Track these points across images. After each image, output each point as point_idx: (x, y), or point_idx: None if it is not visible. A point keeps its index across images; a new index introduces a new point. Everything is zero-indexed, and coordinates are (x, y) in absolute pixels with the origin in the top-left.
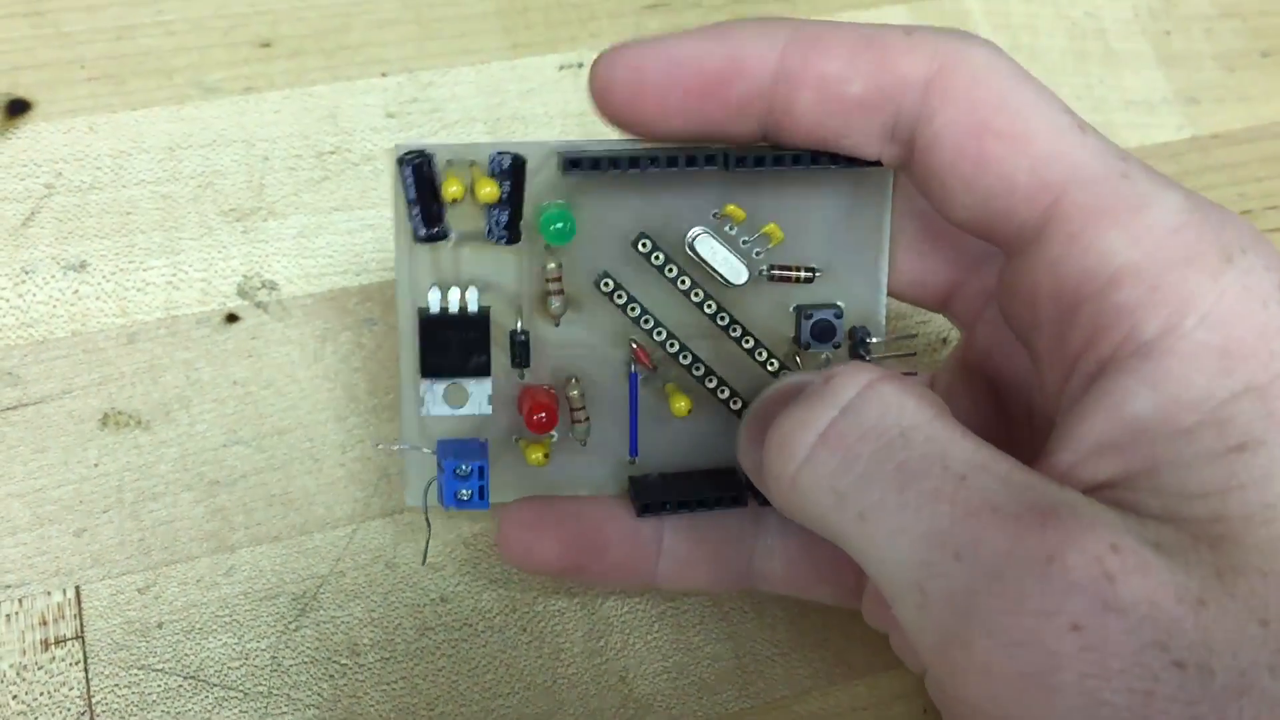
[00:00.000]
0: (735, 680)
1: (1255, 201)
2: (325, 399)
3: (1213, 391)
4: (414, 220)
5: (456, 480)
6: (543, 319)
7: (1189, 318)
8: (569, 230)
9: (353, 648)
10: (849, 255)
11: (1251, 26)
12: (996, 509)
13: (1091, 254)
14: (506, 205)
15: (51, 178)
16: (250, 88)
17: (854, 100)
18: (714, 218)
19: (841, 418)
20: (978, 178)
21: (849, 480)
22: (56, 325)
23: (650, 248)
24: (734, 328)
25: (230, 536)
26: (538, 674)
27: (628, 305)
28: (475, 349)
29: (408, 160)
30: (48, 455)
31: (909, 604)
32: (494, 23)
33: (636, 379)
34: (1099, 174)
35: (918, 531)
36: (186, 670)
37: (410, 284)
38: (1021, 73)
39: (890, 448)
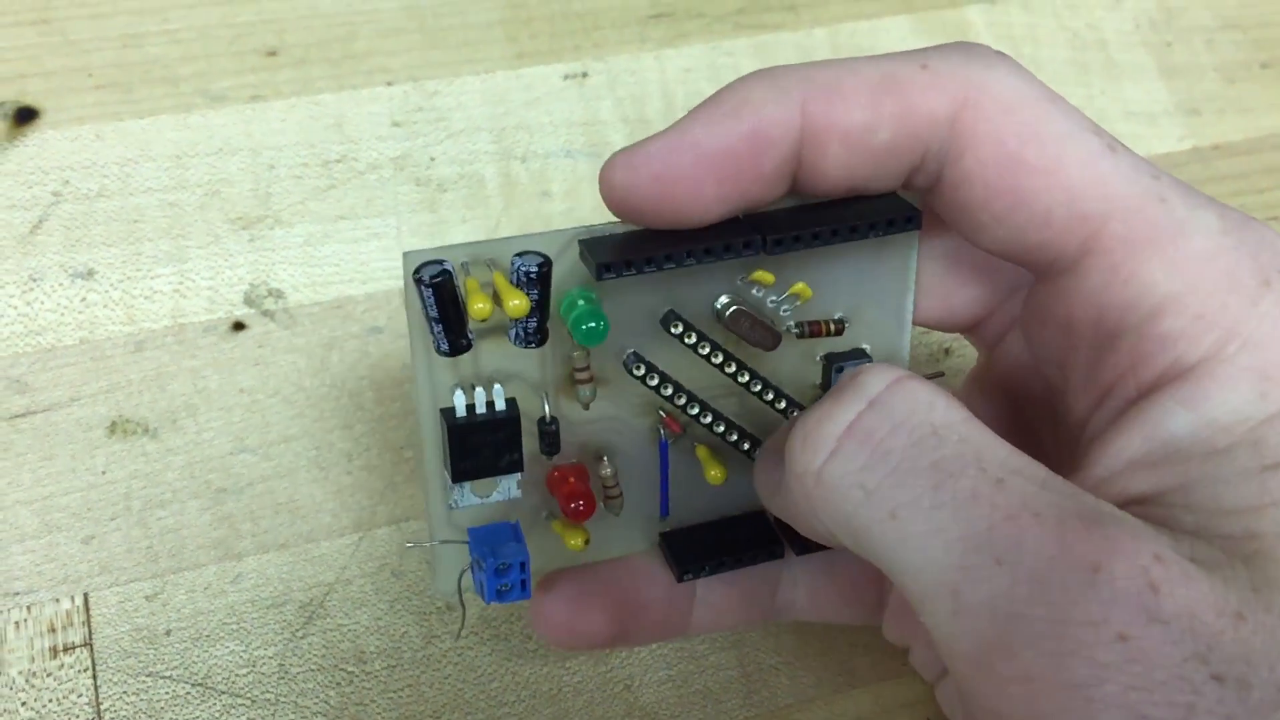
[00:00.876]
0: (740, 689)
1: (1257, 212)
2: (331, 407)
3: (1249, 414)
4: (436, 338)
5: (497, 576)
6: (570, 400)
7: (1231, 344)
8: (602, 331)
9: (359, 655)
10: (875, 298)
11: (1252, 38)
12: (1038, 514)
13: (1133, 285)
14: (534, 313)
15: (59, 185)
16: (256, 96)
17: (882, 148)
18: (740, 282)
19: (870, 411)
20: (1012, 213)
21: (879, 476)
22: (64, 333)
23: (682, 329)
24: (766, 392)
25: (237, 544)
26: (543, 682)
27: (660, 386)
28: (506, 448)
29: (429, 281)
30: (56, 463)
31: (942, 609)
32: (498, 32)
33: (666, 446)
34: (1135, 201)
35: (955, 533)
36: (194, 677)
37: (430, 387)
38: (1046, 94)
39: (923, 444)
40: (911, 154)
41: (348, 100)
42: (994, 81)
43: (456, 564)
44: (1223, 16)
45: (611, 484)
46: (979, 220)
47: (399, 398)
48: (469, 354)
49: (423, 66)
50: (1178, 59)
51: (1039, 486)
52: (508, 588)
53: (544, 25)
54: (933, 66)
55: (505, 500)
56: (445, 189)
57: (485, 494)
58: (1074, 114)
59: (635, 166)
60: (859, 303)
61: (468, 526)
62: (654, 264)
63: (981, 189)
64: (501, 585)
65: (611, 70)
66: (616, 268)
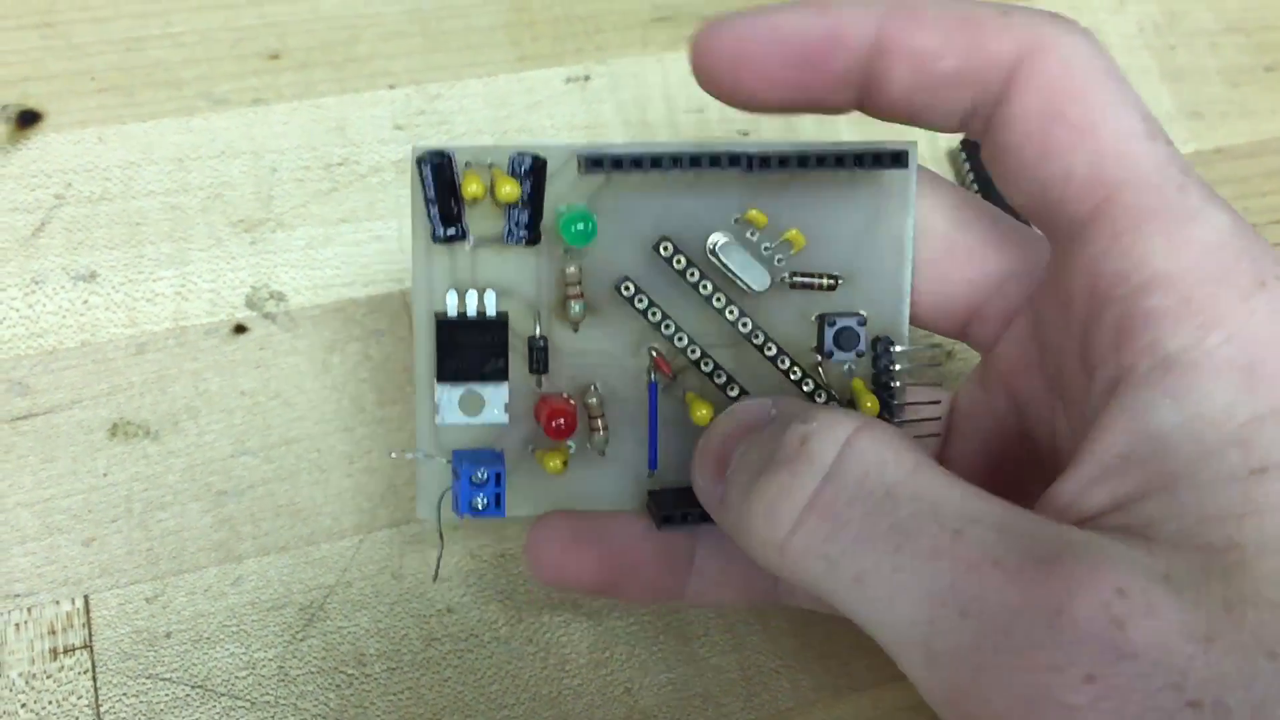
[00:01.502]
0: (740, 692)
1: (1259, 216)
2: (333, 410)
3: (1236, 410)
4: (432, 220)
5: (472, 488)
6: (562, 325)
7: (1214, 334)
8: (590, 231)
9: (359, 658)
10: (872, 264)
11: (1255, 42)
12: (998, 561)
13: (1130, 256)
14: (527, 205)
15: (61, 188)
16: (259, 99)
17: (945, 76)
18: (735, 223)
19: (826, 484)
20: (1040, 163)
21: (841, 546)
22: (66, 335)
23: (672, 251)
24: (756, 335)
25: (238, 546)
26: (543, 685)
27: (648, 310)
28: (493, 353)
29: (428, 159)
30: (57, 465)
31: (915, 661)
32: (501, 35)
33: (656, 388)
34: (1155, 181)
35: (919, 591)
36: (194, 679)
37: (427, 287)
38: (1110, 70)
39: (880, 508)
40: (971, 89)
41: (350, 103)
42: (1063, 42)
43: (438, 485)
44: (1226, 20)
45: (598, 413)
46: (1010, 167)
47: (400, 400)
48: (466, 260)
49: (425, 70)
50: (1181, 62)
51: (997, 532)
52: (483, 503)
53: (546, 28)
54: (1013, 16)
55: (493, 424)
56: None
57: (473, 412)
58: (1129, 94)
59: (718, 38)
60: (855, 266)
61: (453, 449)
62: (640, 165)
63: (1019, 134)
64: (476, 499)
65: (614, 73)
66: (605, 163)
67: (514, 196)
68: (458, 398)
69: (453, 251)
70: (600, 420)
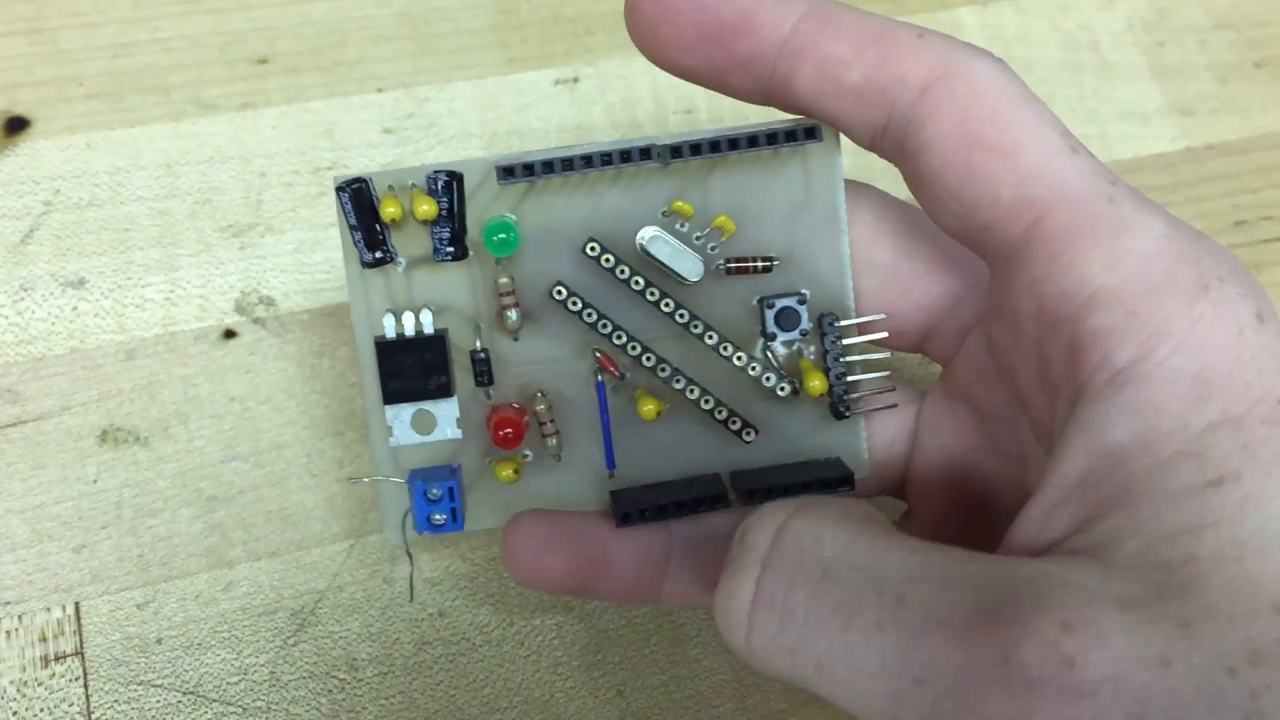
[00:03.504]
0: (732, 694)
1: (1249, 212)
2: (323, 414)
3: (1189, 421)
4: (358, 246)
5: (428, 504)
6: (502, 335)
7: (1163, 345)
8: (513, 240)
9: (351, 662)
10: (808, 241)
11: (1245, 38)
12: (942, 622)
13: (1070, 275)
14: (447, 222)
15: (50, 195)
16: (247, 104)
17: (851, 88)
18: (663, 216)
19: (765, 574)
20: (964, 189)
21: (793, 636)
22: (55, 342)
23: (599, 251)
24: (695, 325)
25: (228, 552)
26: (535, 688)
27: (583, 311)
28: (434, 370)
29: (345, 188)
30: (47, 472)
31: None
32: (489, 38)
33: (604, 387)
34: (1083, 195)
35: (875, 666)
36: (185, 685)
37: (366, 312)
38: (1022, 91)
39: (820, 590)
40: (877, 107)
41: (339, 107)
42: (973, 67)
43: (400, 507)
44: (1216, 16)
45: (546, 419)
46: (935, 194)
47: None
48: (401, 283)
49: (414, 73)
50: (1170, 59)
51: (941, 588)
52: (441, 519)
53: (535, 31)
54: (926, 39)
55: (447, 440)
56: None
57: (425, 431)
58: (1044, 113)
59: None
60: (792, 246)
61: (410, 469)
62: (552, 169)
63: (938, 160)
64: (433, 515)
65: (602, 75)
66: (518, 170)
67: (432, 214)
68: (409, 418)
69: (386, 275)
70: (550, 425)
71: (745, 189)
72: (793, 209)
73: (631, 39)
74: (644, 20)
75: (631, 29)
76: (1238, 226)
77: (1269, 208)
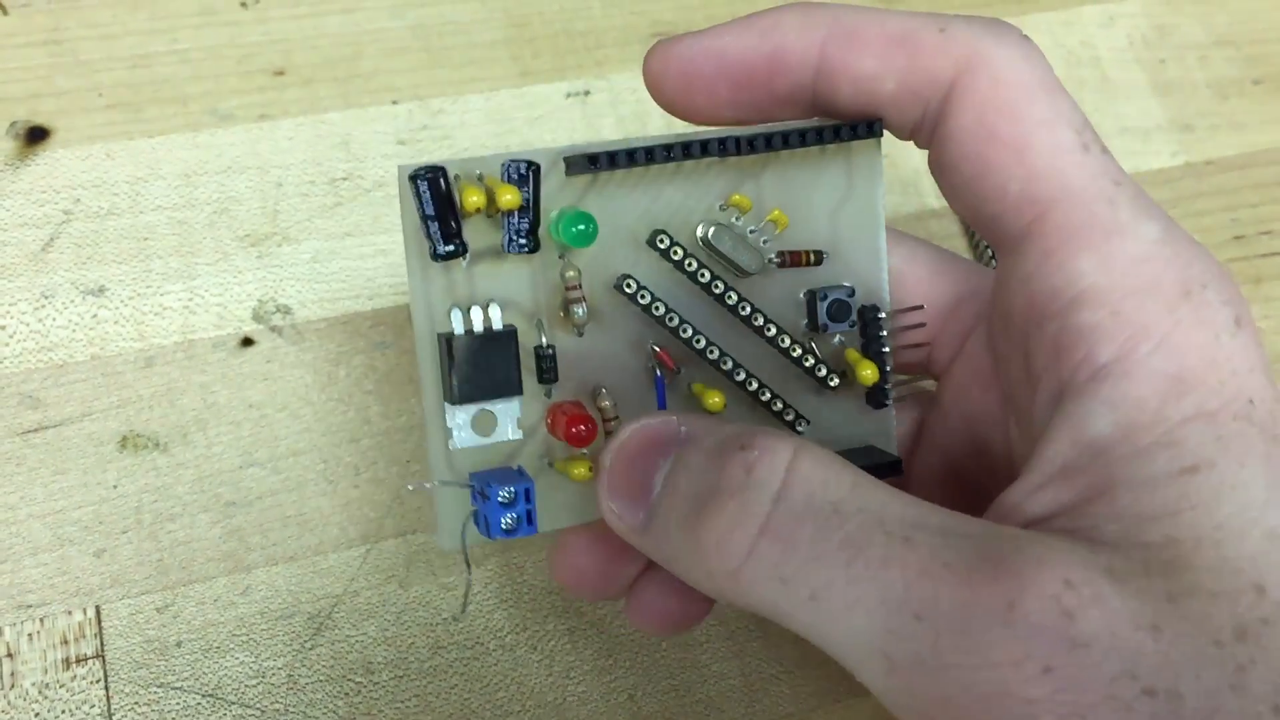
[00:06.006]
0: (741, 699)
1: (1248, 227)
2: (339, 421)
3: (1166, 414)
4: (432, 238)
5: (501, 508)
6: (564, 331)
7: (1144, 345)
8: (592, 232)
9: (367, 666)
10: (850, 234)
11: (1244, 55)
12: (948, 564)
13: (1061, 273)
14: (527, 212)
15: (70, 204)
16: (264, 115)
17: (887, 97)
18: (721, 210)
19: (776, 508)
20: (976, 181)
21: (795, 565)
22: (76, 349)
23: (669, 243)
24: (755, 316)
25: (246, 557)
26: (548, 692)
27: (652, 304)
28: (504, 367)
29: (421, 175)
30: (68, 477)
31: (876, 671)
32: (502, 51)
33: (662, 382)
34: (1085, 196)
35: (874, 600)
36: (204, 688)
37: (427, 308)
38: (1043, 81)
39: (828, 526)
40: (913, 108)
41: (354, 119)
42: (998, 56)
43: (459, 513)
44: (1215, 33)
45: (611, 415)
46: (952, 183)
47: (405, 411)
48: (465, 278)
49: (428, 85)
50: (1171, 75)
51: (943, 536)
52: (514, 522)
53: (547, 44)
54: (949, 31)
55: (506, 441)
56: None
57: (486, 432)
58: (1063, 106)
59: (667, 59)
60: (835, 241)
61: (469, 471)
62: (622, 162)
63: (957, 152)
64: (506, 519)
65: (614, 88)
66: (592, 162)
67: (516, 203)
68: (470, 419)
69: (449, 271)
70: (614, 422)
71: (794, 185)
72: (835, 205)
73: (660, 105)
74: (671, 90)
75: (661, 100)
76: (1236, 241)
77: (1267, 222)
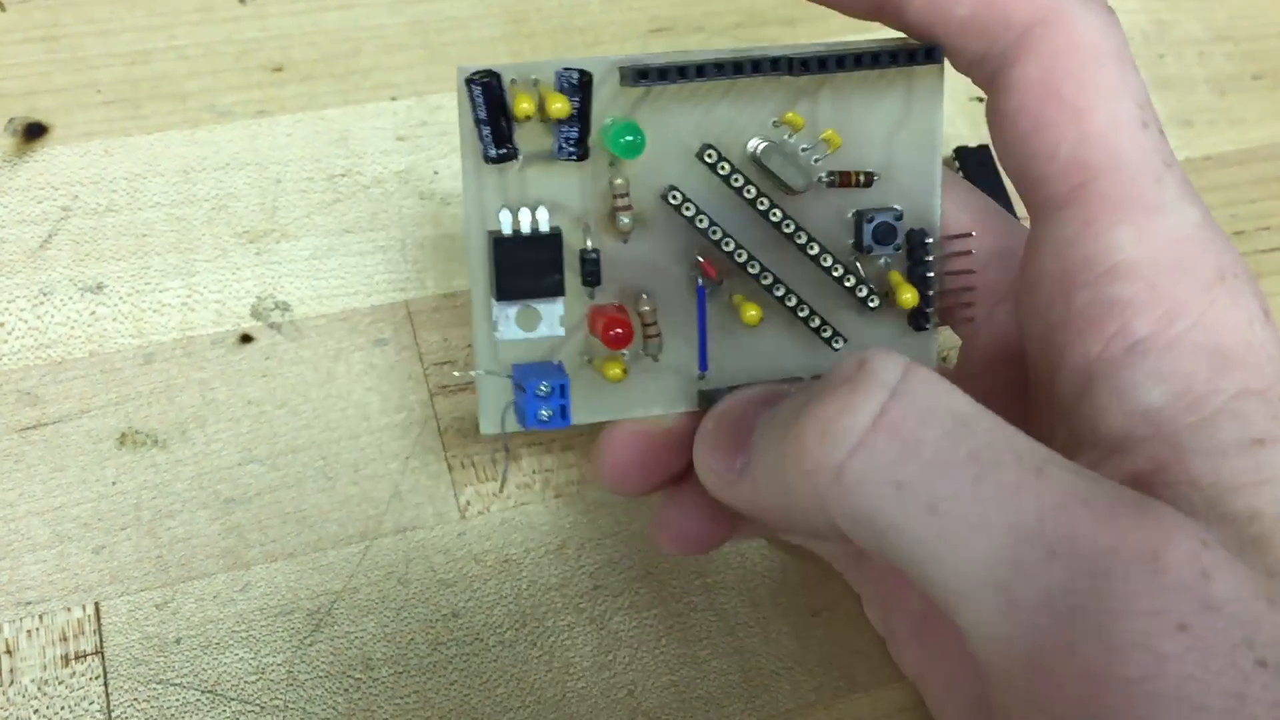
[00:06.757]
0: (741, 694)
1: (1248, 223)
2: (338, 418)
3: (1219, 385)
4: (484, 140)
5: (537, 400)
6: (610, 237)
7: (1180, 321)
8: (640, 143)
9: (366, 662)
10: (904, 158)
11: (1244, 50)
12: (1088, 503)
13: (1098, 242)
14: (576, 121)
15: (68, 200)
16: (263, 111)
17: (957, 20)
18: (773, 126)
19: (895, 401)
20: (1030, 137)
21: (914, 469)
22: (74, 346)
23: (716, 158)
24: (799, 235)
25: (246, 553)
26: (548, 688)
27: (696, 217)
28: (549, 269)
29: (476, 80)
30: (66, 474)
31: (989, 607)
32: (500, 47)
33: (704, 292)
34: (1134, 171)
35: (1002, 526)
36: (204, 684)
37: (479, 208)
38: (1116, 50)
39: (955, 434)
40: (979, 42)
41: (352, 115)
42: (1079, 18)
43: (499, 401)
44: (1214, 29)
45: (650, 321)
46: (1005, 133)
47: (404, 408)
48: (515, 180)
49: (426, 81)
50: (1170, 71)
51: (1076, 474)
52: (548, 414)
53: (546, 40)
54: None
55: (549, 337)
56: (449, 203)
57: (529, 327)
58: (1131, 80)
59: None
60: (888, 162)
61: (512, 363)
62: (685, 75)
63: (1017, 103)
64: (541, 411)
65: None
66: (650, 74)
67: (565, 112)
68: (515, 314)
69: (501, 172)
70: (654, 327)
71: (851, 106)
72: (892, 128)
73: None
74: None
75: None
76: (1236, 237)
77: (1267, 218)
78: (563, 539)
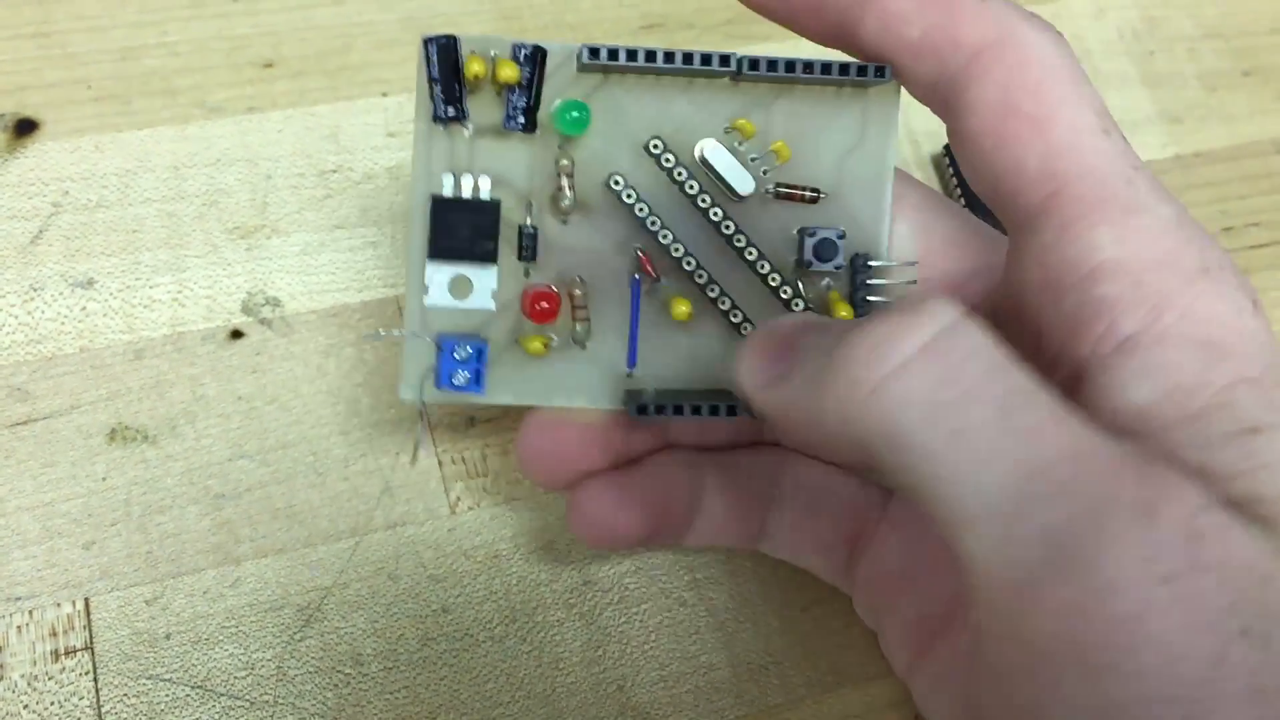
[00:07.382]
0: (730, 689)
1: (1237, 219)
2: (328, 414)
3: (1209, 378)
4: (435, 100)
5: (454, 363)
6: (553, 217)
7: (1167, 315)
8: (585, 119)
9: (356, 658)
10: (854, 182)
11: (1233, 47)
12: (1097, 454)
13: (1078, 245)
14: (525, 91)
15: (59, 196)
16: (253, 108)
17: (909, 43)
18: (726, 132)
19: (946, 335)
20: (996, 154)
21: (950, 395)
22: (65, 342)
23: (662, 149)
24: (738, 238)
25: (236, 549)
26: (537, 683)
27: (635, 205)
28: (484, 234)
29: (434, 41)
30: (56, 469)
31: (991, 534)
32: None
33: (639, 286)
34: (1104, 175)
35: (1017, 458)
36: (194, 680)
37: (426, 169)
38: (1069, 66)
39: (995, 373)
40: (930, 64)
41: (343, 111)
42: (1028, 38)
43: (422, 367)
44: (1204, 25)
45: (581, 305)
46: (970, 154)
47: (395, 404)
48: (465, 147)
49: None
50: (1160, 68)
51: (1095, 431)
52: (464, 379)
53: (537, 36)
54: (989, 3)
55: (480, 310)
56: None
57: (461, 296)
58: (1085, 91)
59: None
60: (838, 183)
61: (440, 334)
62: (634, 59)
63: (978, 124)
64: (456, 375)
65: None
66: (602, 55)
67: (514, 78)
68: (447, 280)
69: (451, 137)
70: (583, 310)
71: (805, 121)
72: (845, 150)
73: None
74: None
75: None
76: (1225, 233)
77: (1256, 214)
78: (552, 535)
